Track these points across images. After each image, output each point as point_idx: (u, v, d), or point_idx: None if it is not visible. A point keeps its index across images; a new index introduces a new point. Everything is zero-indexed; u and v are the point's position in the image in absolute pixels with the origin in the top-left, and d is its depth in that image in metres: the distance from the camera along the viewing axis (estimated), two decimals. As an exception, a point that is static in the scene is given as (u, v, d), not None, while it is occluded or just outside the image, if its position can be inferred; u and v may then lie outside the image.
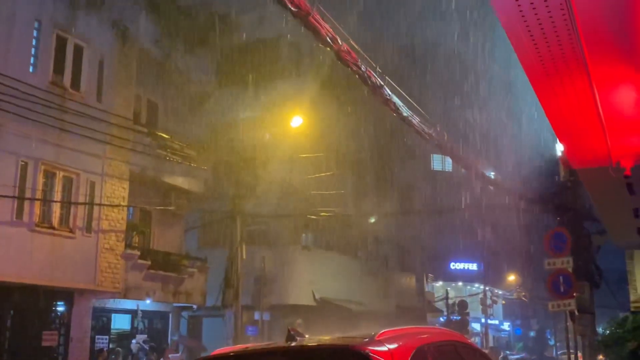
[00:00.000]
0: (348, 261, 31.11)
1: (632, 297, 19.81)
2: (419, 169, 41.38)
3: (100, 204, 16.65)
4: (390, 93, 6.97)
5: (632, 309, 19.60)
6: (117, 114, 17.45)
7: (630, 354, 16.20)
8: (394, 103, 7.10)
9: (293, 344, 4.16)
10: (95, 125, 16.52)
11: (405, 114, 7.41)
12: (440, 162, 51.22)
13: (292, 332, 4.29)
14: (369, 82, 6.50)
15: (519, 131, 38.11)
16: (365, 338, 4.00)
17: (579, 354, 16.98)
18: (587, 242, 18.18)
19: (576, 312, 15.94)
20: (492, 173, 17.42)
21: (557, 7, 4.47)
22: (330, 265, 28.76)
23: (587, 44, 5.16)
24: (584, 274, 17.02)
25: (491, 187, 14.90)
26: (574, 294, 15.58)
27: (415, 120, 7.86)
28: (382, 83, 6.76)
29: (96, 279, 16.58)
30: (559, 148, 8.41)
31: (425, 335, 4.55)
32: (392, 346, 3.93)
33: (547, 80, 5.97)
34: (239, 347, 4.39)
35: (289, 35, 22.35)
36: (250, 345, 4.52)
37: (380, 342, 3.93)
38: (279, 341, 4.48)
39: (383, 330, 4.19)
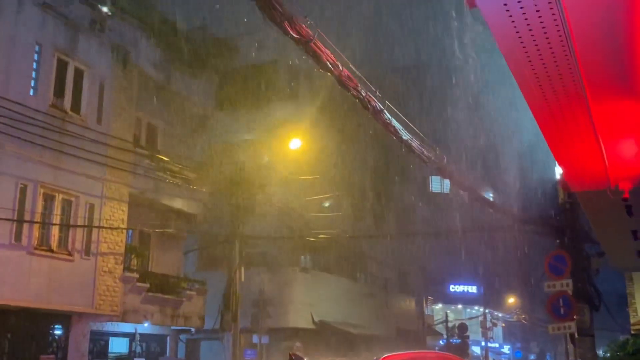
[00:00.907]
0: (347, 284, 31.02)
1: (632, 320, 19.73)
2: (417, 191, 41.42)
3: (99, 227, 16.62)
4: (390, 117, 7.02)
5: (633, 332, 19.51)
6: (117, 136, 17.50)
7: (631, 378, 16.09)
8: (394, 127, 7.14)
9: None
10: (95, 147, 16.55)
11: (404, 137, 7.44)
12: (439, 184, 51.30)
13: (293, 357, 4.29)
14: (369, 106, 6.55)
15: (518, 153, 38.26)
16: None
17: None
18: (586, 265, 18.13)
19: (576, 335, 15.86)
20: (491, 194, 17.43)
21: (559, 44, 4.53)
22: (329, 287, 28.68)
23: (588, 80, 5.23)
24: (584, 296, 16.93)
25: (490, 210, 14.92)
26: (574, 317, 15.52)
27: (415, 143, 7.90)
28: (382, 107, 6.81)
29: (94, 302, 16.48)
30: (558, 171, 8.45)
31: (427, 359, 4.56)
32: (394, 370, 3.94)
33: (546, 107, 6.03)
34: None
35: (288, 60, 22.55)
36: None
37: (383, 367, 3.94)
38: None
39: (385, 355, 4.20)
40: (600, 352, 22.40)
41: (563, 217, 17.99)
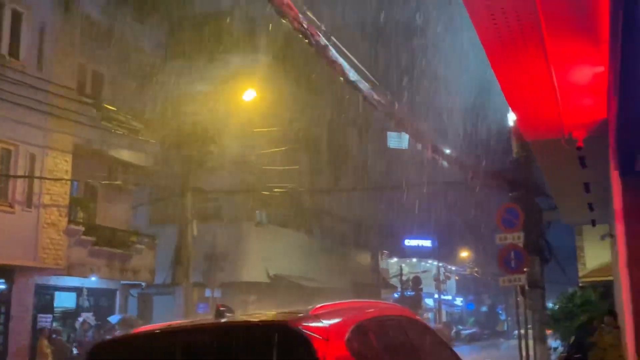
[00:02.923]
0: (303, 238, 30.89)
1: (580, 273, 20.12)
2: (375, 147, 41.29)
3: (41, 177, 15.92)
4: (336, 55, 6.60)
5: (581, 284, 19.94)
6: (59, 83, 16.64)
7: (578, 328, 16.42)
8: (340, 66, 6.72)
9: (222, 320, 3.81)
10: (36, 95, 15.73)
11: (352, 79, 7.03)
12: (397, 140, 51.28)
13: (221, 309, 3.94)
14: (313, 41, 6.12)
15: (472, 105, 38.22)
16: (300, 313, 3.68)
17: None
18: (538, 218, 18.26)
19: (526, 287, 16.01)
20: (448, 150, 17.27)
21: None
22: (285, 242, 28.49)
23: (545, 17, 4.92)
24: (535, 249, 17.08)
25: (444, 162, 14.74)
26: (525, 269, 15.63)
27: (364, 86, 7.50)
28: (327, 43, 6.38)
29: (37, 256, 15.91)
30: (512, 118, 8.20)
31: (367, 310, 4.25)
32: (329, 322, 3.61)
33: (502, 49, 5.72)
34: (162, 324, 4.00)
35: (243, 9, 21.76)
36: (175, 322, 4.14)
37: (316, 318, 3.61)
38: (207, 318, 4.14)
39: (319, 305, 3.87)
40: (550, 304, 22.88)
41: (517, 171, 18.02)
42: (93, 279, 18.43)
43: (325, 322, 3.55)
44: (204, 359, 3.54)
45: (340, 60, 6.74)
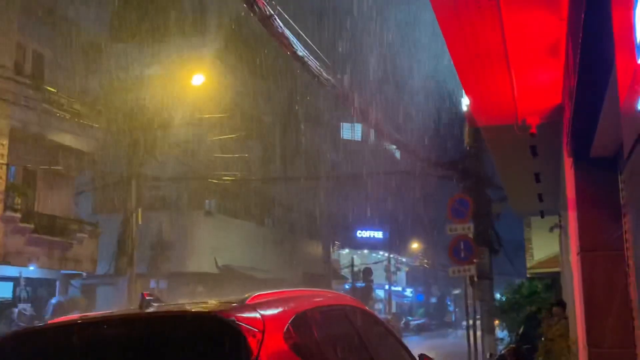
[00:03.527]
0: (254, 228, 30.46)
1: (528, 264, 20.29)
2: (328, 138, 41.08)
3: (-27, 162, 15.07)
4: (282, 26, 6.20)
5: (528, 275, 20.11)
6: (-6, 62, 15.76)
7: (525, 319, 16.50)
8: (287, 39, 6.32)
9: (148, 310, 3.41)
10: (-32, 73, 14.84)
11: (300, 53, 6.65)
12: (350, 131, 51.24)
13: (147, 297, 3.54)
14: (256, 9, 5.70)
15: (426, 92, 38.16)
16: (234, 303, 3.31)
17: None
18: (488, 209, 18.32)
19: (475, 278, 16.03)
20: (399, 137, 17.13)
21: None
22: (234, 232, 28.01)
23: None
24: (484, 240, 17.12)
25: (394, 148, 14.57)
26: (474, 260, 15.64)
27: (313, 63, 7.14)
28: (271, 12, 5.98)
29: (-31, 244, 15.06)
30: (465, 103, 7.97)
31: (309, 300, 3.91)
32: (266, 312, 3.25)
33: (456, 21, 5.44)
34: (77, 316, 3.57)
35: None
36: (95, 313, 3.71)
37: (251, 308, 3.24)
38: (131, 308, 3.73)
39: (256, 293, 3.51)
40: (498, 295, 23.07)
41: (468, 161, 18.02)
42: (31, 268, 17.61)
43: (262, 313, 3.19)
44: (121, 353, 3.14)
45: (287, 32, 6.34)
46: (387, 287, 51.88)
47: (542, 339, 11.07)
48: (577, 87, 5.04)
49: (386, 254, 50.99)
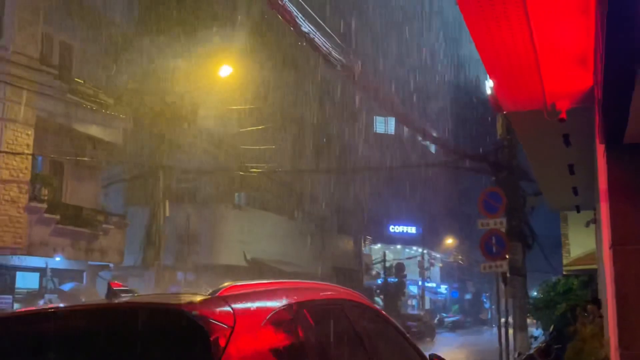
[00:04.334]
0: (284, 222, 30.22)
1: (564, 261, 19.60)
2: (361, 131, 40.63)
3: (-1, 151, 15.05)
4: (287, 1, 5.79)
5: (565, 272, 19.44)
6: (20, 52, 15.71)
7: (559, 317, 15.89)
8: (290, 13, 5.89)
9: (115, 302, 3.10)
10: (-7, 63, 14.82)
11: (304, 29, 6.21)
12: (384, 125, 50.65)
13: (114, 288, 3.22)
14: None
15: (459, 85, 37.41)
16: (205, 295, 2.96)
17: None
18: (522, 203, 17.70)
19: (508, 274, 15.52)
20: (431, 131, 16.66)
21: None
22: (264, 225, 27.80)
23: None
24: (517, 235, 16.55)
25: (426, 141, 14.11)
26: (507, 256, 15.13)
27: (320, 40, 6.69)
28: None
29: (-6, 233, 15.07)
30: (489, 86, 7.47)
31: (297, 292, 3.51)
32: (240, 305, 2.89)
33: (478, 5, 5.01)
34: (40, 307, 3.28)
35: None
36: (54, 305, 3.42)
37: (223, 300, 2.88)
38: (100, 299, 3.43)
39: (231, 284, 3.15)
40: (534, 293, 22.40)
41: (500, 154, 17.44)
42: (58, 259, 17.62)
43: (234, 307, 2.82)
44: (81, 344, 2.83)
45: (289, 6, 5.90)
46: (420, 283, 51.19)
47: (574, 338, 10.52)
48: (606, 64, 4.56)
49: (419, 250, 50.27)
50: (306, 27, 6.27)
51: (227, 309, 2.79)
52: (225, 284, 3.12)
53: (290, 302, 3.24)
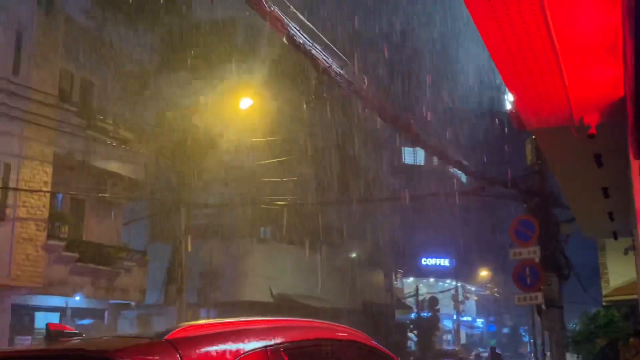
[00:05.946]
0: (310, 256, 29.60)
1: (604, 291, 18.67)
2: (389, 162, 40.13)
3: (16, 189, 14.85)
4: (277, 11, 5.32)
5: (604, 303, 18.47)
6: (38, 89, 15.64)
7: (601, 351, 15.03)
8: (279, 20, 5.36)
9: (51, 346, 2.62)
10: (11, 101, 14.73)
11: (299, 41, 5.70)
12: (412, 156, 50.11)
13: (52, 330, 2.76)
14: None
15: (486, 110, 36.64)
16: (148, 338, 2.45)
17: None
18: (556, 231, 16.88)
19: (543, 307, 14.77)
20: (455, 156, 16.07)
21: None
22: (290, 259, 27.23)
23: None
24: (552, 265, 15.74)
25: (451, 168, 13.55)
26: (541, 287, 14.40)
27: (319, 53, 6.17)
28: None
29: (11, 273, 14.78)
30: (509, 99, 6.90)
31: (272, 332, 2.96)
32: (192, 352, 2.37)
33: (494, 19, 4.53)
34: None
35: (237, 16, 20.79)
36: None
37: (170, 346, 2.37)
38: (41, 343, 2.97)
39: (190, 324, 2.63)
40: (573, 325, 21.39)
41: (531, 180, 16.74)
42: (77, 298, 17.30)
43: (183, 354, 2.31)
44: None
45: (277, 12, 5.39)
46: (455, 317, 49.84)
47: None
48: (637, 74, 4.01)
49: (453, 282, 49.06)
50: (300, 37, 5.80)
51: (173, 356, 2.27)
52: (183, 323, 2.61)
53: (265, 346, 2.71)
